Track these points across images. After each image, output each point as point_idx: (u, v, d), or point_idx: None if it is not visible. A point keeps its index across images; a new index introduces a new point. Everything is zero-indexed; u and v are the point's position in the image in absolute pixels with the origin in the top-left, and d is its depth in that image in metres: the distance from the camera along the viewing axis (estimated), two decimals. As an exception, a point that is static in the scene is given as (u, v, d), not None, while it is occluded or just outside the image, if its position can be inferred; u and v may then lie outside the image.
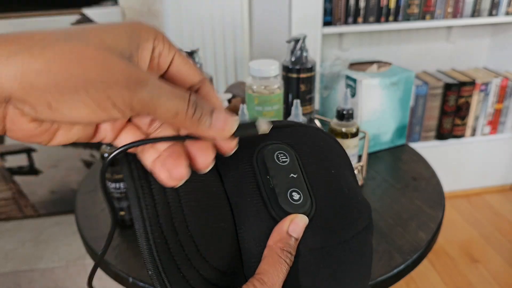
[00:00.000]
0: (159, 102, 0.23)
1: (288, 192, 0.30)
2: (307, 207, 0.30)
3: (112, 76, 0.22)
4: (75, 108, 0.22)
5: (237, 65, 1.44)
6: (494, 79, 1.65)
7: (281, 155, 0.32)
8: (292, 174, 0.31)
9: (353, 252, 0.31)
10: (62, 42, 0.22)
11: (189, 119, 0.24)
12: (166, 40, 0.26)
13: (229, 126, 0.25)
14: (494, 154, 1.77)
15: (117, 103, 0.22)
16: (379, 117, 0.84)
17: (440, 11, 1.54)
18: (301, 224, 0.29)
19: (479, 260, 1.46)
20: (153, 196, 0.27)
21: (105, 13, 1.35)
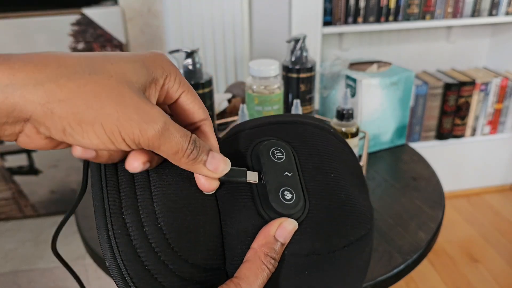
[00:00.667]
0: (163, 141, 0.25)
1: (280, 191, 0.28)
2: (298, 208, 0.28)
3: (127, 112, 0.24)
4: (87, 137, 0.24)
5: (237, 65, 1.44)
6: (494, 79, 1.65)
7: (277, 152, 0.30)
8: (287, 172, 0.29)
9: (342, 263, 0.29)
10: (87, 74, 0.23)
11: (186, 157, 0.26)
12: (178, 79, 0.28)
13: (221, 169, 0.27)
14: (494, 154, 1.77)
15: (126, 139, 0.24)
16: (379, 117, 0.84)
17: (440, 11, 1.54)
18: (289, 229, 0.28)
19: (479, 260, 1.46)
20: (119, 187, 0.27)
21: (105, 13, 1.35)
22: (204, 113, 0.29)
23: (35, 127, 0.24)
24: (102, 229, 0.25)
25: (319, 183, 0.30)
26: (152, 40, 1.44)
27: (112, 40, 1.37)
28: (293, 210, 0.28)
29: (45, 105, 0.22)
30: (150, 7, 1.40)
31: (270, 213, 0.28)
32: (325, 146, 0.33)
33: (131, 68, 0.25)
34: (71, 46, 1.37)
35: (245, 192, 0.29)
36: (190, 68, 0.68)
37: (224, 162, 0.28)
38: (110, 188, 0.27)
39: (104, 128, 0.23)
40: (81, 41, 1.37)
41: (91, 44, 1.38)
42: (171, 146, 0.25)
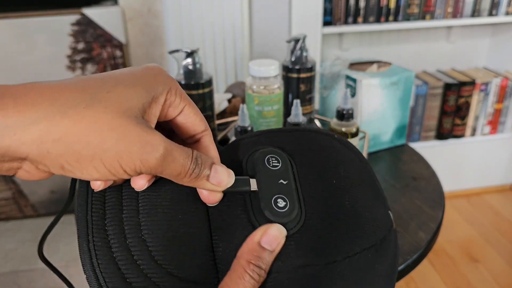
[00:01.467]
0: (166, 167, 0.24)
1: (273, 198, 0.27)
2: (292, 217, 0.27)
3: (128, 145, 0.23)
4: (87, 172, 0.23)
5: (237, 65, 1.44)
6: (494, 79, 1.65)
7: (273, 159, 0.29)
8: (282, 180, 0.28)
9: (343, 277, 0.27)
10: (82, 108, 0.22)
11: (188, 176, 0.25)
12: (178, 93, 0.27)
13: (225, 182, 0.27)
14: (494, 154, 1.77)
15: (127, 170, 0.23)
16: (379, 117, 0.84)
17: (440, 11, 1.54)
18: (274, 234, 0.26)
19: (479, 260, 1.46)
20: (104, 199, 0.26)
21: (105, 13, 1.35)
22: (204, 125, 0.29)
23: (33, 164, 0.23)
24: (82, 241, 0.25)
25: (317, 191, 0.29)
26: (152, 40, 1.44)
27: (112, 40, 1.37)
28: (286, 219, 0.27)
29: (40, 145, 0.22)
30: (150, 7, 1.40)
31: (261, 221, 0.27)
32: (329, 152, 0.32)
33: (129, 93, 0.24)
34: (71, 46, 1.37)
35: (237, 201, 0.28)
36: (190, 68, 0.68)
37: (228, 175, 0.27)
38: (95, 198, 0.26)
39: (104, 163, 0.23)
40: (81, 41, 1.37)
41: (91, 44, 1.38)
42: (174, 169, 0.25)
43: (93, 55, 1.39)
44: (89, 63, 1.40)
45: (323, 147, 0.32)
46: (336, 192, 0.29)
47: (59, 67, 1.39)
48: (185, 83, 0.69)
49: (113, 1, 1.41)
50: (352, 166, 0.32)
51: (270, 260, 0.26)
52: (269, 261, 0.26)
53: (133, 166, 0.23)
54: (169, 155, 0.24)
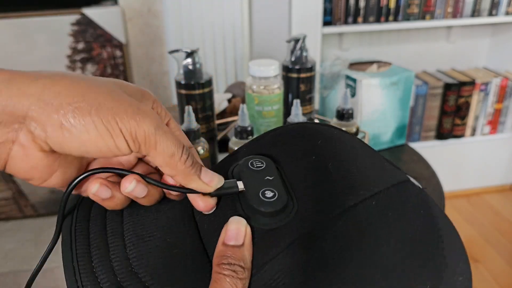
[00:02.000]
0: (160, 138, 0.25)
1: (260, 191, 0.27)
2: (281, 204, 0.26)
3: (122, 106, 0.24)
4: (85, 129, 0.23)
5: (237, 65, 1.44)
6: (494, 79, 1.65)
7: (256, 162, 0.29)
8: (268, 176, 0.28)
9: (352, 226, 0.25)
10: (81, 77, 0.24)
11: (182, 163, 0.26)
12: (162, 107, 0.30)
13: (215, 182, 0.27)
14: (494, 154, 1.77)
15: (124, 131, 0.24)
16: (379, 117, 0.84)
17: (440, 11, 1.54)
18: (232, 228, 0.25)
19: (479, 260, 1.46)
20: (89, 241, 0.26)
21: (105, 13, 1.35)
22: (189, 143, 0.30)
23: (30, 133, 0.23)
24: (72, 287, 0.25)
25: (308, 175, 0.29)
26: (152, 40, 1.44)
27: (112, 40, 1.37)
28: (276, 206, 0.26)
29: (40, 97, 0.22)
30: (150, 7, 1.40)
31: (248, 212, 0.27)
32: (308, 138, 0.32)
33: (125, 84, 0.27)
34: (71, 46, 1.37)
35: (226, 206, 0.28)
36: (190, 68, 0.68)
37: (218, 177, 0.28)
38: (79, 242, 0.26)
39: (102, 117, 0.23)
40: (81, 41, 1.37)
41: (91, 44, 1.38)
42: (167, 146, 0.25)
43: (93, 55, 1.39)
44: (89, 63, 1.40)
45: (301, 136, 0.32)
46: (319, 164, 0.29)
47: (59, 67, 1.38)
48: (185, 83, 0.69)
49: (113, 1, 1.41)
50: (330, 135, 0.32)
51: (241, 254, 0.25)
52: (240, 255, 0.24)
53: (129, 126, 0.24)
54: (163, 127, 0.25)
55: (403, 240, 0.26)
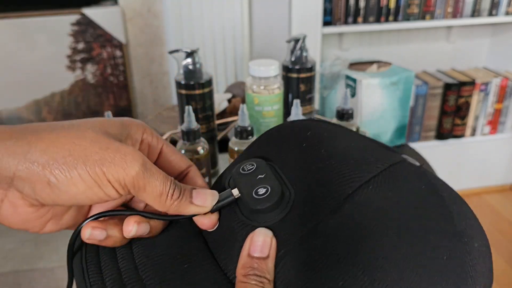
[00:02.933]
0: (148, 180, 0.25)
1: (254, 191, 0.27)
2: (276, 195, 0.26)
3: (108, 155, 0.25)
4: (73, 184, 0.24)
5: (237, 65, 1.44)
6: (494, 79, 1.65)
7: (247, 165, 0.30)
8: (260, 175, 0.29)
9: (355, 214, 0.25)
10: (66, 129, 0.25)
11: (169, 199, 0.26)
12: (154, 133, 0.30)
13: (208, 201, 0.28)
14: (494, 154, 1.77)
15: (111, 180, 0.24)
16: (379, 117, 0.84)
17: (440, 11, 1.54)
18: (259, 240, 0.25)
19: (479, 260, 1.46)
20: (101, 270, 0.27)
21: (105, 13, 1.35)
22: (187, 162, 0.31)
23: (19, 191, 0.24)
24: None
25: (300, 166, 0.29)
26: (152, 40, 1.44)
27: (112, 40, 1.37)
28: (270, 201, 0.26)
29: (27, 156, 0.23)
30: (150, 7, 1.40)
31: (249, 214, 0.27)
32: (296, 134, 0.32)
33: (107, 123, 0.27)
34: (71, 46, 1.37)
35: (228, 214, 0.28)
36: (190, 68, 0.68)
37: (211, 194, 0.28)
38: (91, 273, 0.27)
39: (88, 170, 0.24)
40: (81, 41, 1.37)
41: (91, 44, 1.38)
42: (156, 186, 0.26)
43: (93, 55, 1.39)
44: (89, 63, 1.40)
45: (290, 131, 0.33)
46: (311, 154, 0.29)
47: (59, 67, 1.39)
48: (185, 83, 0.69)
49: (113, 1, 1.41)
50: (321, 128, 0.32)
51: (267, 266, 0.25)
52: (266, 267, 0.24)
53: (117, 175, 0.24)
54: (149, 168, 0.26)
55: (409, 218, 0.25)
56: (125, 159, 0.24)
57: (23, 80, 1.38)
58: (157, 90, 1.51)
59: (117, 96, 1.46)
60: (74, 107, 1.44)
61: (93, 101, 1.45)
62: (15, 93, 1.39)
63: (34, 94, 1.40)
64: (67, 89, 1.42)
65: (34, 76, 1.38)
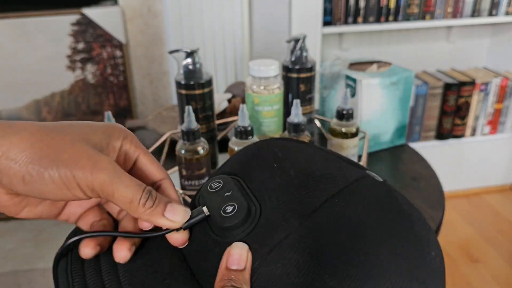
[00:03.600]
0: (116, 187, 0.26)
1: (222, 209, 0.28)
2: (243, 212, 0.28)
3: (80, 161, 0.26)
4: (45, 184, 0.26)
5: (237, 65, 1.44)
6: (494, 79, 1.65)
7: (214, 183, 0.31)
8: (227, 193, 0.30)
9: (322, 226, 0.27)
10: (45, 133, 0.27)
11: (141, 207, 0.27)
12: (134, 141, 0.31)
13: (180, 216, 0.28)
14: (494, 154, 1.77)
15: (81, 184, 0.26)
16: (379, 117, 0.84)
17: (440, 11, 1.54)
18: (236, 253, 0.26)
19: (479, 260, 1.46)
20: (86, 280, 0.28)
21: (105, 13, 1.35)
22: (162, 173, 0.32)
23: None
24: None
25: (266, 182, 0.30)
26: (152, 40, 1.44)
27: (112, 40, 1.37)
28: (237, 218, 0.28)
29: (7, 153, 0.25)
30: (150, 7, 1.40)
31: (219, 232, 0.28)
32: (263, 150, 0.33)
33: (88, 130, 0.29)
34: (71, 46, 1.37)
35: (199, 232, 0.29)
36: (190, 68, 0.68)
37: (184, 210, 0.29)
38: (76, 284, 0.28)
39: (59, 173, 0.25)
40: (81, 41, 1.37)
41: (91, 44, 1.38)
42: (125, 193, 0.27)
43: (93, 55, 1.39)
44: (89, 63, 1.40)
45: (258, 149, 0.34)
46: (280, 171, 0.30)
47: (59, 67, 1.39)
48: (185, 83, 0.69)
49: (113, 1, 1.41)
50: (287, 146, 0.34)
51: (244, 277, 0.26)
52: (243, 279, 0.26)
53: (85, 180, 0.26)
54: (119, 176, 0.27)
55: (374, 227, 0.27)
56: (95, 166, 0.26)
57: (23, 80, 1.38)
58: (157, 90, 1.51)
59: (117, 96, 1.46)
60: (74, 107, 1.44)
61: (93, 101, 1.45)
62: (15, 93, 1.39)
63: (34, 94, 1.40)
64: (67, 89, 1.42)
65: (34, 76, 1.38)
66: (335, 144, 0.71)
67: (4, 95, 1.38)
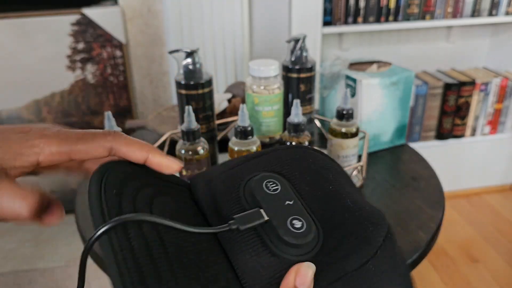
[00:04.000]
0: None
1: (288, 221, 0.26)
2: (312, 234, 0.26)
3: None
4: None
5: (237, 65, 1.44)
6: (494, 79, 1.65)
7: (271, 184, 0.28)
8: (288, 201, 0.27)
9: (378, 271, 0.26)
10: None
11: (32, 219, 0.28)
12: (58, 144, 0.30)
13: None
14: (494, 154, 1.77)
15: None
16: (379, 117, 0.84)
17: (440, 11, 1.54)
18: (309, 274, 0.25)
19: (479, 260, 1.46)
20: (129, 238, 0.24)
21: (105, 13, 1.35)
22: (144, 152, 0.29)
23: None
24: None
25: (322, 201, 0.28)
26: (152, 40, 1.44)
27: (112, 40, 1.37)
28: (308, 238, 0.26)
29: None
30: (150, 7, 1.40)
31: (285, 249, 0.26)
32: (311, 162, 0.31)
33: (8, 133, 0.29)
34: (71, 46, 1.37)
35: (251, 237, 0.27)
36: (190, 68, 0.68)
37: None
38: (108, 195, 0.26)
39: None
40: (81, 41, 1.37)
41: (91, 44, 1.38)
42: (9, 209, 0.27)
43: (93, 55, 1.39)
44: (89, 63, 1.40)
45: (304, 158, 0.32)
46: (337, 197, 0.29)
47: (59, 67, 1.39)
48: (185, 83, 0.69)
49: (113, 1, 1.41)
50: (333, 169, 0.32)
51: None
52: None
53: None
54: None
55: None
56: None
57: (23, 80, 1.38)
58: (157, 90, 1.51)
59: (117, 96, 1.46)
60: (74, 107, 1.44)
61: (93, 101, 1.45)
62: (15, 93, 1.39)
63: (34, 94, 1.40)
64: (67, 89, 1.42)
65: (34, 76, 1.38)
66: (335, 144, 0.71)
67: (4, 95, 1.38)
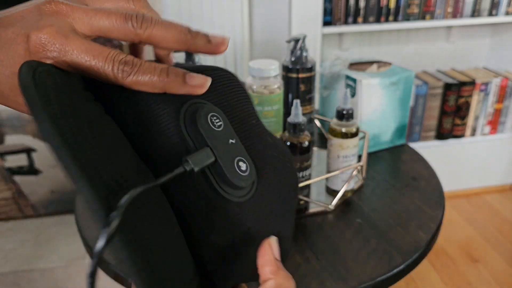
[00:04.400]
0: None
1: (235, 163, 0.25)
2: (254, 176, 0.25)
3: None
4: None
5: (237, 65, 1.44)
6: (494, 79, 1.65)
7: (215, 118, 0.26)
8: (231, 139, 0.26)
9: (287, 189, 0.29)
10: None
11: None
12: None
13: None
14: (494, 154, 1.77)
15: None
16: (379, 117, 0.84)
17: (440, 11, 1.54)
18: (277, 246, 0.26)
19: (479, 260, 1.46)
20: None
21: (105, 13, 1.35)
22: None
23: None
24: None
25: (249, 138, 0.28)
26: (152, 40, 1.44)
27: (112, 40, 1.37)
28: (250, 180, 0.25)
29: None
30: (150, 7, 1.40)
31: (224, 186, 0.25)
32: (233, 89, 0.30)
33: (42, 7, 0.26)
34: (71, 46, 1.37)
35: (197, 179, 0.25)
36: (190, 68, 0.68)
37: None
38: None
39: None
40: (81, 41, 1.37)
41: (91, 44, 1.38)
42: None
43: (93, 55, 1.39)
44: (89, 63, 1.40)
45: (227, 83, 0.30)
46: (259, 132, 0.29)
47: (59, 67, 1.38)
48: (185, 83, 0.68)
49: (113, 1, 1.41)
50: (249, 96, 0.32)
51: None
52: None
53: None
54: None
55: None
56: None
57: (23, 80, 1.37)
58: (157, 90, 1.51)
59: (117, 96, 1.45)
60: (74, 107, 1.44)
61: (93, 101, 1.45)
62: (15, 93, 1.39)
63: (34, 94, 1.40)
64: (67, 89, 1.42)
65: (34, 76, 1.38)
66: (335, 144, 0.71)
67: (4, 95, 1.38)
